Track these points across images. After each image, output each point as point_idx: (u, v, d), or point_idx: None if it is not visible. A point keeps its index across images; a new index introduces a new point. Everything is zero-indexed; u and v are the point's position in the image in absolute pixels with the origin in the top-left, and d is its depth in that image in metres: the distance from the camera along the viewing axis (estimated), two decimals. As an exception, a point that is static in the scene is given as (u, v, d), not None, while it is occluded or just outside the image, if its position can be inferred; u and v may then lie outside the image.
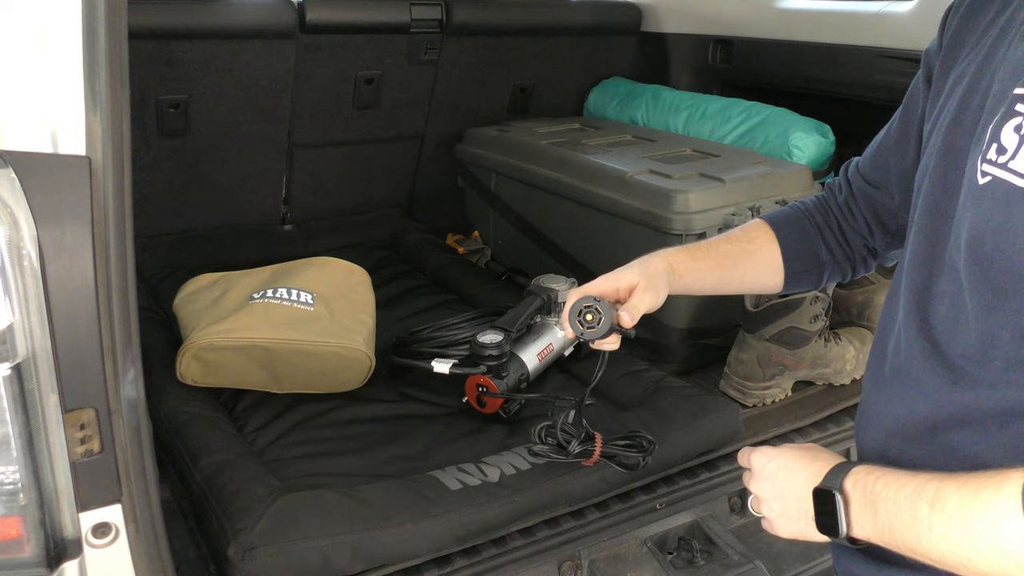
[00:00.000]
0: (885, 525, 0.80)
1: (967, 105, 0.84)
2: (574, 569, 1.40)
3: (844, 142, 2.31)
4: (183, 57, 2.23)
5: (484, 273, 2.55)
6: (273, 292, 1.82)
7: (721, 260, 1.18)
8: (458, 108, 2.76)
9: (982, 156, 0.75)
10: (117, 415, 0.90)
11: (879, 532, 0.81)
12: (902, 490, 0.78)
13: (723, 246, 1.20)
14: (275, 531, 1.28)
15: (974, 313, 0.78)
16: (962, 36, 0.91)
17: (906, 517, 0.76)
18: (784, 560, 1.54)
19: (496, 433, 1.65)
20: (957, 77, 0.88)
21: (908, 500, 0.76)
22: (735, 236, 1.22)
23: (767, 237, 1.20)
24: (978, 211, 0.76)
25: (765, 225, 1.22)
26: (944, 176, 0.85)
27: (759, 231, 1.21)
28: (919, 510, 0.75)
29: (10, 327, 0.82)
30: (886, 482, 0.80)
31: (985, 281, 0.76)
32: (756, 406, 1.83)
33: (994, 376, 0.77)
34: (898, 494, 0.78)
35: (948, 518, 0.72)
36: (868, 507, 0.81)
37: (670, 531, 1.49)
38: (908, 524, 0.76)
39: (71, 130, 0.84)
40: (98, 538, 0.93)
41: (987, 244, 0.75)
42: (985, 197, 0.75)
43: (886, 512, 0.79)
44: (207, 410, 1.65)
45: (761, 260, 1.19)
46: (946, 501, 0.73)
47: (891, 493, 0.79)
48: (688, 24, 2.82)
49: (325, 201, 2.76)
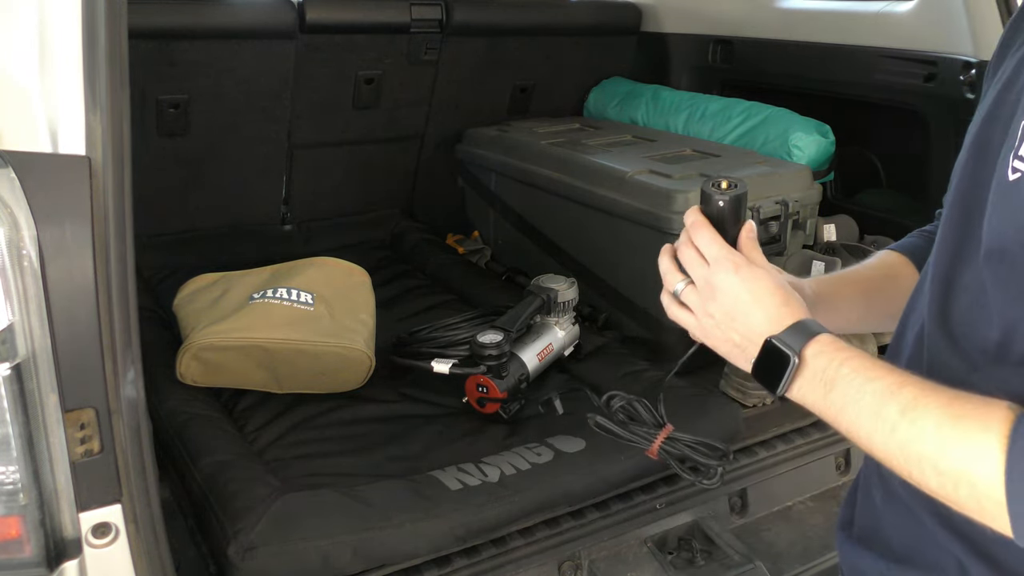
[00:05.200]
0: (836, 404, 0.78)
1: (1004, 100, 0.83)
2: (574, 569, 1.40)
3: (844, 142, 2.31)
4: (183, 57, 2.23)
5: (484, 273, 2.55)
6: (273, 292, 1.82)
7: (865, 287, 1.09)
8: (458, 108, 2.76)
9: (1014, 152, 0.75)
10: (117, 415, 0.90)
11: (824, 407, 0.79)
12: (872, 383, 0.76)
13: (863, 273, 1.11)
14: (275, 531, 1.28)
15: (996, 308, 0.78)
16: (1014, 37, 0.91)
17: (868, 409, 0.75)
18: (784, 560, 1.54)
19: (496, 433, 1.65)
20: (1000, 74, 0.88)
21: (877, 395, 0.75)
22: (871, 265, 1.13)
23: (903, 263, 1.11)
24: (1006, 207, 0.76)
25: (895, 253, 1.13)
26: (975, 170, 0.84)
27: (893, 258, 1.13)
28: (887, 410, 0.74)
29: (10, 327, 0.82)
30: (853, 367, 0.78)
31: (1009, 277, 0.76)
32: (756, 406, 1.83)
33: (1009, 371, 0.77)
34: (865, 385, 0.76)
35: (919, 432, 0.71)
36: (822, 384, 0.80)
37: (670, 531, 1.49)
38: (866, 417, 0.75)
39: (71, 130, 0.85)
40: (98, 538, 0.93)
41: (1011, 240, 0.75)
42: (1015, 194, 0.74)
43: (842, 396, 0.78)
44: (207, 410, 1.65)
45: (904, 287, 1.09)
46: (922, 415, 0.72)
47: (857, 381, 0.77)
48: (688, 24, 2.82)
49: (325, 201, 2.76)
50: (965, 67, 1.96)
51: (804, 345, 0.81)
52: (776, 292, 0.86)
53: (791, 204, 2.02)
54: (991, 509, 0.67)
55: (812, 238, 2.14)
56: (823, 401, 0.80)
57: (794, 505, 1.67)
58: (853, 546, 0.98)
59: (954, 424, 0.70)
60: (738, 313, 0.87)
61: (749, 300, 0.86)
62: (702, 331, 0.90)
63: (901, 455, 0.73)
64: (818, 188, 2.15)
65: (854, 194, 2.49)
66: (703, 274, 0.89)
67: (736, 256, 0.88)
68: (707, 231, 0.89)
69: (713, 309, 0.88)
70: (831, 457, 1.72)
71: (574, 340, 1.91)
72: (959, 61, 1.99)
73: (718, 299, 0.88)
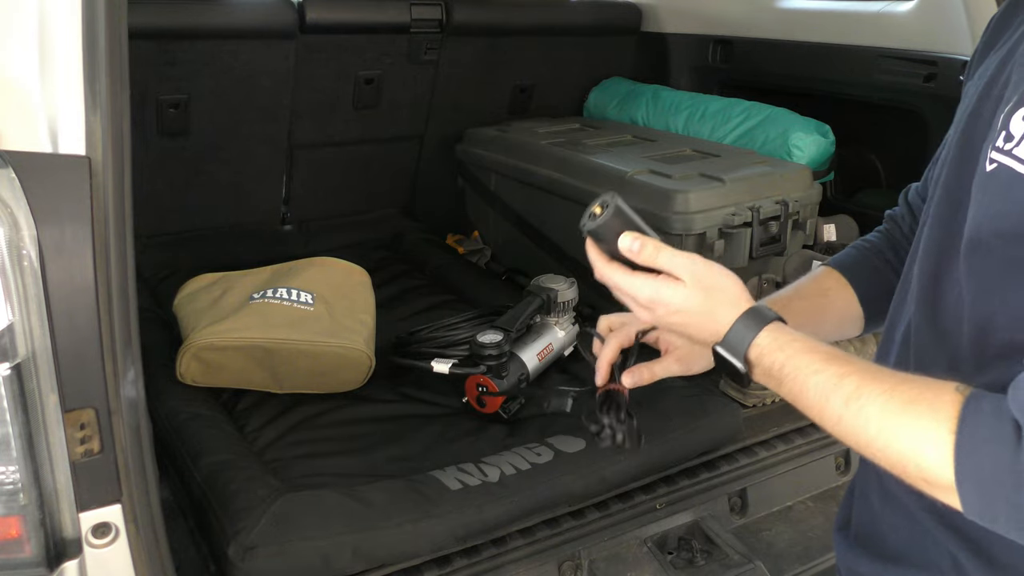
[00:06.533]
0: (789, 396, 0.81)
1: (987, 96, 0.84)
2: (574, 569, 1.40)
3: (844, 142, 2.31)
4: (183, 57, 2.23)
5: (484, 273, 2.55)
6: (273, 292, 1.82)
7: (798, 310, 1.09)
8: (458, 108, 2.76)
9: (992, 144, 0.76)
10: (117, 415, 0.90)
11: (783, 396, 0.83)
12: (813, 376, 0.78)
13: (796, 304, 1.11)
14: (275, 531, 1.28)
15: (970, 300, 0.79)
16: (994, 37, 0.92)
17: (814, 403, 0.78)
18: (784, 560, 1.54)
19: (496, 433, 1.65)
20: (982, 72, 0.89)
21: (819, 390, 0.77)
22: (805, 290, 1.14)
23: (839, 284, 1.12)
24: (982, 198, 0.77)
25: (834, 272, 1.14)
26: (960, 166, 0.85)
27: (829, 280, 1.14)
28: (831, 402, 0.76)
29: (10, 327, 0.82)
30: (795, 365, 0.80)
31: (983, 268, 0.77)
32: (756, 406, 1.83)
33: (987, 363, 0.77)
34: (808, 380, 0.78)
35: (864, 421, 0.73)
36: (771, 380, 0.82)
37: (670, 531, 1.49)
38: (815, 409, 0.78)
39: (71, 130, 0.84)
40: (98, 538, 0.93)
41: (984, 230, 0.76)
42: (990, 184, 0.76)
43: (790, 390, 0.80)
44: (207, 410, 1.65)
45: (838, 310, 1.12)
46: (866, 403, 0.73)
47: (800, 378, 0.79)
48: (688, 24, 2.82)
49: (325, 201, 2.76)
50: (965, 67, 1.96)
51: (747, 349, 0.84)
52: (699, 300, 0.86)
53: (791, 204, 2.02)
54: (940, 489, 0.70)
55: (812, 238, 2.14)
56: (780, 392, 0.83)
57: (794, 505, 1.67)
58: (850, 546, 0.98)
59: (902, 408, 0.72)
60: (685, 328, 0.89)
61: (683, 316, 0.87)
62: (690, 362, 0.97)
63: (852, 440, 0.76)
64: (818, 188, 2.15)
65: (854, 194, 2.49)
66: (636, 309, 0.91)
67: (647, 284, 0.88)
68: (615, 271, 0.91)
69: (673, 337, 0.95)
70: (831, 457, 1.72)
71: (574, 340, 1.91)
72: (959, 61, 1.99)
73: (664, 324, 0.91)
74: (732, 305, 0.86)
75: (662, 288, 0.87)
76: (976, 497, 0.68)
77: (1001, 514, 0.67)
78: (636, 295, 0.89)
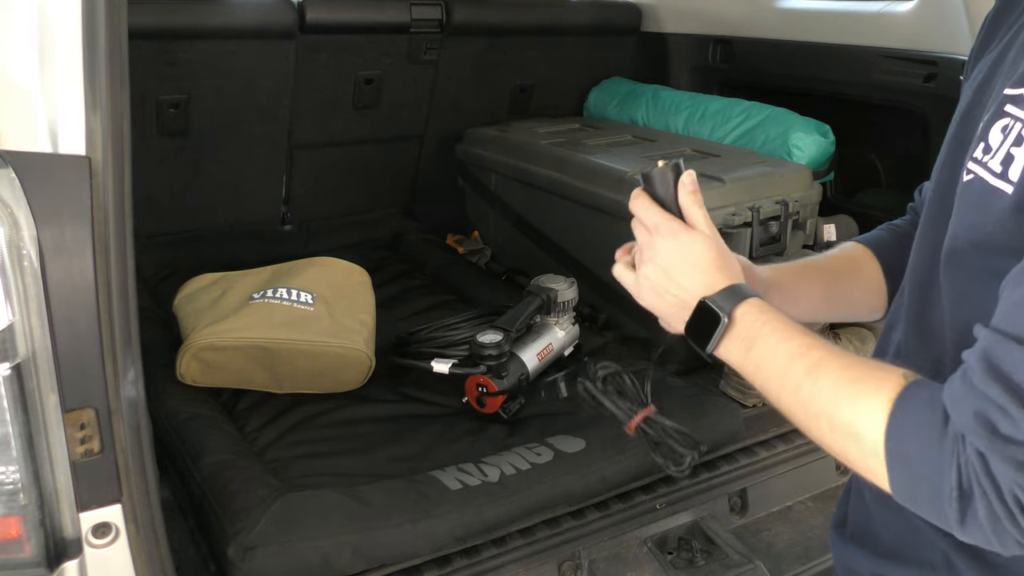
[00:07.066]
0: (753, 362, 0.83)
1: (978, 102, 0.85)
2: (574, 569, 1.40)
3: (844, 142, 2.31)
4: (183, 57, 2.23)
5: (484, 273, 2.55)
6: (273, 292, 1.82)
7: (825, 277, 1.11)
8: (458, 108, 2.76)
9: (970, 154, 0.76)
10: (117, 415, 0.90)
11: (743, 364, 0.84)
12: (785, 342, 0.80)
13: (824, 263, 1.12)
14: (275, 531, 1.28)
15: (949, 307, 0.80)
16: (989, 36, 0.92)
17: (778, 368, 0.80)
18: (784, 560, 1.54)
19: (496, 433, 1.65)
20: (976, 74, 0.89)
21: (787, 355, 0.79)
22: (833, 255, 1.15)
23: (866, 255, 1.13)
24: (960, 207, 0.78)
25: (861, 245, 1.14)
26: (949, 172, 0.86)
27: (856, 250, 1.14)
28: (794, 368, 0.78)
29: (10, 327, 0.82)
30: (772, 328, 0.82)
31: (960, 276, 0.77)
32: (756, 406, 1.82)
33: None
34: (779, 345, 0.80)
35: (818, 391, 0.75)
36: (745, 341, 0.84)
37: (670, 531, 1.49)
38: (777, 374, 0.80)
39: (71, 130, 0.84)
40: (98, 538, 0.93)
41: (961, 239, 0.77)
42: (966, 194, 0.76)
43: (760, 354, 0.82)
44: (207, 410, 1.65)
45: (866, 278, 1.11)
46: (823, 375, 0.76)
47: (773, 341, 0.81)
48: (688, 24, 2.82)
49: (325, 201, 2.76)
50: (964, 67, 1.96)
51: (735, 306, 0.85)
52: (711, 257, 0.90)
53: (791, 204, 2.02)
54: (874, 466, 0.71)
55: (812, 238, 2.14)
56: (743, 358, 0.84)
57: (794, 505, 1.67)
58: (846, 544, 0.99)
59: (849, 384, 0.74)
60: (674, 273, 0.90)
61: (684, 263, 0.90)
62: (638, 290, 0.95)
63: (803, 411, 0.78)
64: (818, 188, 2.15)
65: (854, 194, 2.49)
66: (644, 238, 0.93)
67: (675, 223, 0.91)
68: (645, 201, 0.94)
69: (650, 271, 0.92)
70: (831, 457, 1.71)
71: (574, 340, 1.91)
72: (959, 61, 1.98)
73: (656, 261, 0.92)
74: (733, 276, 0.89)
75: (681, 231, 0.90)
76: (902, 477, 0.70)
77: (923, 497, 0.69)
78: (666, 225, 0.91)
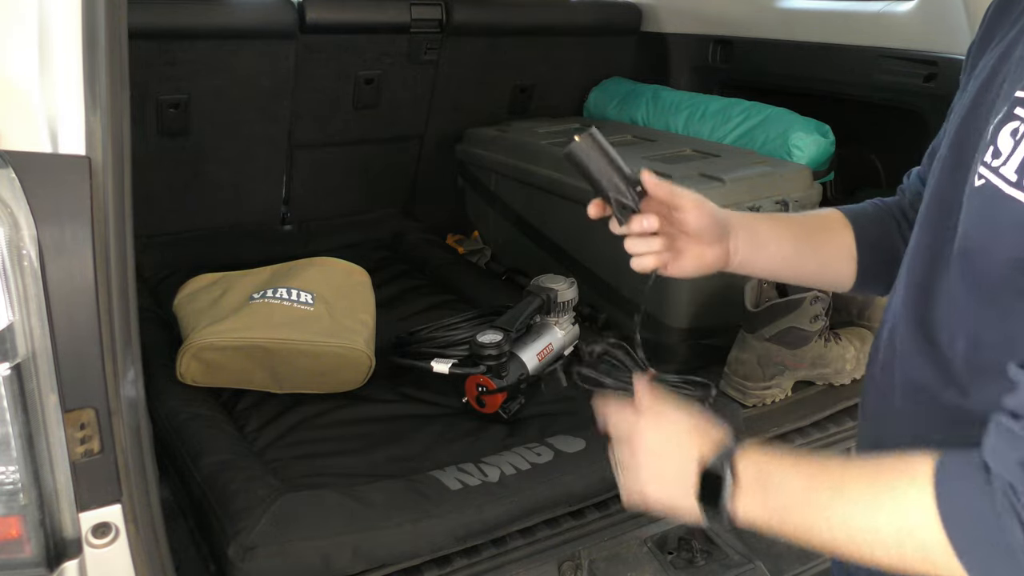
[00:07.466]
0: (777, 510, 0.79)
1: (981, 101, 0.84)
2: (574, 569, 1.40)
3: (844, 142, 2.30)
4: (183, 57, 2.23)
5: (484, 273, 2.55)
6: (273, 292, 1.82)
7: (796, 228, 1.09)
8: (458, 108, 2.76)
9: (980, 158, 0.76)
10: (117, 415, 0.90)
11: (768, 517, 0.80)
12: (798, 478, 0.78)
13: (797, 217, 1.11)
14: (275, 531, 1.28)
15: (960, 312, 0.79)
16: (991, 30, 0.91)
17: (802, 503, 0.77)
18: (784, 560, 1.53)
19: (496, 433, 1.65)
20: (979, 71, 0.88)
21: (805, 488, 0.77)
22: (808, 213, 1.14)
23: (842, 222, 1.12)
24: (970, 213, 0.77)
25: (839, 212, 1.14)
26: (952, 170, 0.84)
27: (833, 215, 1.13)
28: (819, 496, 0.76)
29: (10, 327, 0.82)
30: (780, 467, 0.80)
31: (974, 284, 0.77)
32: (756, 406, 1.83)
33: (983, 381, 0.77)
34: (794, 481, 0.78)
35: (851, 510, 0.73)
36: (759, 492, 0.81)
37: (670, 531, 1.49)
38: (805, 511, 0.77)
39: (71, 130, 0.84)
40: (98, 538, 0.93)
41: (975, 247, 0.76)
42: (977, 200, 0.75)
43: (779, 497, 0.79)
44: (207, 410, 1.65)
45: (837, 243, 1.10)
46: (850, 488, 0.74)
47: (787, 480, 0.79)
48: (688, 24, 2.82)
49: (325, 201, 2.76)
50: (964, 67, 1.96)
51: (733, 463, 0.83)
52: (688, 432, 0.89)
53: (791, 204, 2.02)
54: (940, 560, 0.68)
55: (812, 238, 2.14)
56: (766, 509, 0.81)
57: (794, 505, 1.67)
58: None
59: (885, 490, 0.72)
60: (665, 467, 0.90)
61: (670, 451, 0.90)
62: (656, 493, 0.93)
63: (846, 537, 0.74)
64: (818, 188, 2.15)
65: (854, 194, 2.48)
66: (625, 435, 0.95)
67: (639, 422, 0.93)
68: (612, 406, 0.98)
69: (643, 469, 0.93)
70: (831, 457, 1.72)
71: (574, 340, 1.91)
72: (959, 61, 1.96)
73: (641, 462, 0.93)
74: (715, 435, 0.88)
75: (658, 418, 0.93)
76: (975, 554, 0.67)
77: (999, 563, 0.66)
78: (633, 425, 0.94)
